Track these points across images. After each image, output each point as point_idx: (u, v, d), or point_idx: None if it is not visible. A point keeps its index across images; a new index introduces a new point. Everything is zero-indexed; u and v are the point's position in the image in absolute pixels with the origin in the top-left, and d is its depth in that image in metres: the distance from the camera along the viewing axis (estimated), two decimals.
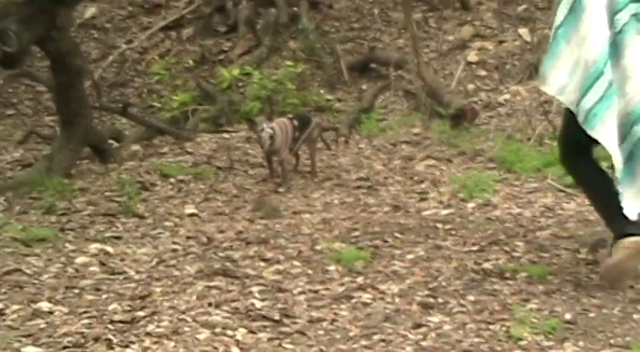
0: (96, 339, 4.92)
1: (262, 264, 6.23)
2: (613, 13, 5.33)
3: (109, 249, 6.54)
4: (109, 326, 5.21)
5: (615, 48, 5.33)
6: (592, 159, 5.87)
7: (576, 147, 5.78)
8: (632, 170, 5.39)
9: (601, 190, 5.80)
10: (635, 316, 5.30)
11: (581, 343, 4.90)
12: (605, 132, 5.25)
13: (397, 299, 5.61)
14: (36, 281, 5.92)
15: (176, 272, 6.06)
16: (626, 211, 5.36)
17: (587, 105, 5.28)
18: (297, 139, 8.26)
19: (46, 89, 10.98)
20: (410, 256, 6.33)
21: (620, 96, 5.29)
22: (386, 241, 6.67)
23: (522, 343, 4.87)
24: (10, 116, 11.56)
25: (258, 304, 5.52)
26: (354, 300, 5.59)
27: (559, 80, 5.50)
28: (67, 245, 6.65)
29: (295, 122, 8.32)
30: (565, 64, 5.47)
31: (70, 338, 5.02)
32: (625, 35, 5.34)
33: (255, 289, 5.74)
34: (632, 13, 5.36)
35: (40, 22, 7.97)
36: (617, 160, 5.27)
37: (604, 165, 6.01)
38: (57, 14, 8.15)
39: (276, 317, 5.34)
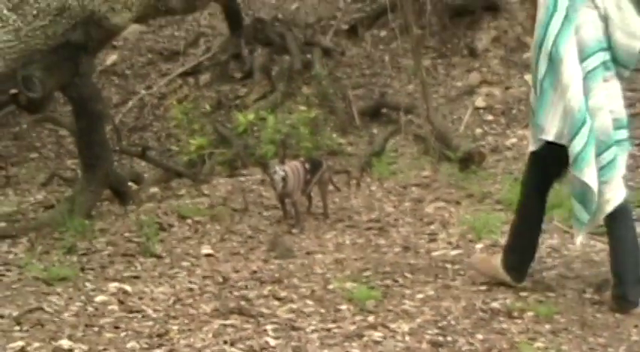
0: None
1: (276, 302, 6.22)
2: (581, 61, 5.68)
3: (128, 288, 6.54)
4: None
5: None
6: (545, 200, 6.31)
7: (541, 184, 6.23)
8: (595, 204, 5.80)
9: (536, 219, 6.21)
10: None
11: None
12: (589, 174, 5.63)
13: (407, 338, 5.60)
14: (57, 320, 5.92)
15: (192, 311, 6.05)
16: (576, 240, 6.15)
17: (575, 149, 5.62)
18: (309, 182, 8.27)
19: (68, 133, 11.02)
20: (420, 295, 6.32)
21: (592, 135, 5.63)
22: (396, 281, 6.67)
23: None
24: (34, 159, 11.60)
25: (272, 342, 5.51)
26: (365, 338, 5.58)
27: (555, 127, 5.75)
28: (87, 284, 6.65)
29: (307, 165, 8.32)
30: (557, 111, 5.72)
31: None
32: (590, 82, 5.70)
33: (269, 327, 5.74)
34: (601, 60, 5.75)
35: (63, 69, 8.00)
36: (595, 201, 5.74)
37: None
38: (80, 61, 8.18)
39: None
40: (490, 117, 11.03)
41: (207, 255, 7.43)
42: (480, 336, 5.59)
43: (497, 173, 9.50)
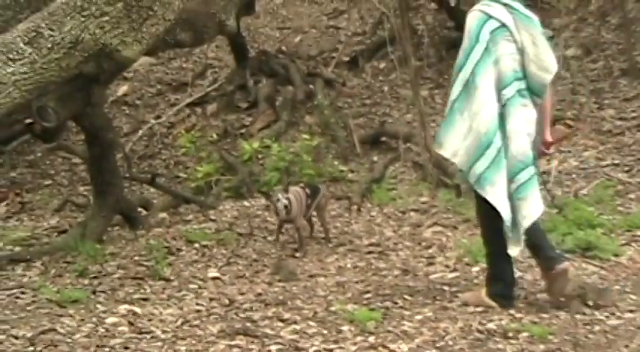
0: None
1: (280, 324, 6.22)
2: (500, 89, 6.10)
3: (138, 309, 6.54)
4: None
5: (502, 117, 6.09)
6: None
7: (493, 211, 6.19)
8: (514, 221, 6.14)
9: (501, 242, 6.27)
10: None
11: None
12: (492, 192, 6.03)
13: None
14: (69, 340, 5.92)
15: (200, 332, 6.05)
16: (510, 252, 6.23)
17: (478, 170, 6.04)
18: (310, 206, 8.27)
19: (80, 161, 11.05)
20: (418, 317, 6.31)
21: (506, 157, 6.07)
22: (396, 303, 6.66)
23: None
24: (48, 186, 11.61)
25: None
26: None
27: (453, 145, 6.16)
28: (98, 306, 6.65)
29: (307, 190, 8.33)
30: (458, 132, 6.12)
31: None
32: (509, 108, 6.09)
33: (273, 348, 5.74)
34: (517, 89, 6.15)
35: (76, 100, 8.02)
36: (505, 215, 6.06)
37: None
38: (92, 92, 8.21)
39: None
40: None
41: (214, 278, 7.43)
42: None
43: None
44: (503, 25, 6.13)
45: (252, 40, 14.39)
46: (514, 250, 6.25)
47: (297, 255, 8.05)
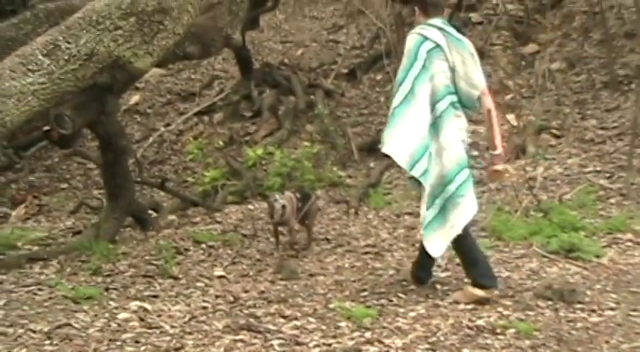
0: None
1: (282, 320, 6.22)
2: (434, 102, 6.50)
3: (148, 306, 6.54)
4: None
5: (435, 128, 6.50)
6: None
7: None
8: (443, 219, 6.51)
9: (472, 238, 6.74)
10: None
11: None
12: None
13: None
14: (83, 335, 5.92)
15: (206, 327, 6.05)
16: (430, 251, 6.56)
17: (423, 166, 6.41)
18: (299, 210, 8.24)
19: (94, 166, 11.05)
20: (412, 314, 6.31)
21: (437, 163, 6.47)
22: (391, 300, 6.66)
23: None
24: (64, 189, 11.62)
25: None
26: None
27: (394, 145, 6.43)
28: (110, 302, 6.65)
29: (298, 195, 8.32)
30: (399, 134, 6.42)
31: None
32: (444, 118, 6.51)
33: (275, 342, 5.73)
34: (450, 102, 6.55)
35: (91, 108, 8.03)
36: (423, 211, 6.54)
37: None
38: (106, 101, 8.23)
39: None
40: (476, 153, 11.00)
41: (220, 277, 7.43)
42: (466, 351, 5.59)
43: (482, 203, 9.47)
44: (438, 46, 6.51)
45: (257, 53, 14.40)
46: (437, 249, 6.59)
47: (303, 252, 8.06)
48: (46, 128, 7.77)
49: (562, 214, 8.50)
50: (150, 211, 9.51)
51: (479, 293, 6.52)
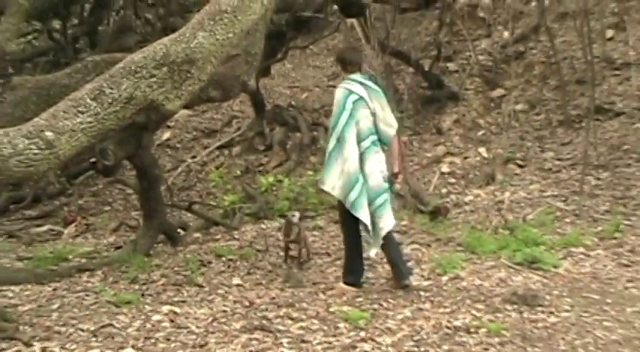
0: None
1: (290, 321, 6.22)
2: (359, 141, 6.97)
3: (177, 309, 6.53)
4: None
5: (362, 161, 6.95)
6: (358, 226, 7.19)
7: (351, 217, 7.05)
8: (375, 230, 7.03)
9: (355, 244, 7.28)
10: None
11: None
12: (362, 213, 6.89)
13: (390, 349, 5.59)
14: (123, 333, 5.92)
15: (226, 328, 6.05)
16: (370, 254, 7.33)
17: (352, 198, 6.88)
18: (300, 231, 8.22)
19: (132, 192, 11.05)
20: (400, 316, 6.32)
21: (366, 188, 6.90)
22: (382, 305, 6.66)
23: None
24: (107, 211, 11.62)
25: None
26: (357, 349, 5.58)
27: (331, 182, 7.00)
28: (146, 306, 6.64)
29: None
30: (335, 173, 6.97)
31: None
32: (367, 154, 6.98)
33: (284, 341, 5.74)
34: (372, 141, 7.03)
35: (130, 143, 8.05)
36: (369, 226, 6.98)
37: None
38: (142, 137, 8.24)
39: None
40: (453, 180, 11.04)
41: (237, 285, 7.42)
42: (445, 347, 5.60)
43: (459, 222, 9.50)
44: (361, 98, 7.01)
45: (268, 96, 14.42)
46: (373, 251, 7.28)
47: (302, 266, 8.06)
48: (93, 160, 7.80)
49: (525, 232, 8.51)
50: (179, 229, 9.50)
51: (347, 289, 7.10)
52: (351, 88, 7.02)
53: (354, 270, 7.21)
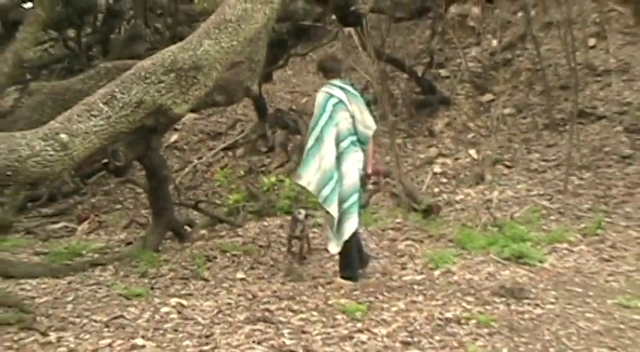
0: None
1: (291, 313, 6.21)
2: (339, 142, 7.03)
3: (184, 302, 6.53)
4: None
5: (339, 160, 7.02)
6: None
7: None
8: (340, 228, 7.03)
9: (350, 240, 7.12)
10: (551, 350, 5.28)
11: None
12: (332, 208, 6.93)
13: (385, 339, 5.59)
14: (134, 324, 5.92)
15: (230, 319, 6.05)
16: (330, 249, 7.22)
17: (325, 193, 6.92)
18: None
19: (142, 191, 11.05)
20: (394, 308, 6.31)
21: (339, 186, 6.98)
22: (377, 298, 6.66)
23: None
24: (118, 209, 11.63)
25: (288, 342, 5.50)
26: (354, 339, 5.57)
27: (307, 177, 7.00)
28: (155, 299, 6.65)
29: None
30: (312, 169, 6.98)
31: None
32: (345, 154, 7.04)
33: (285, 331, 5.73)
34: (351, 141, 7.11)
35: (139, 145, 8.05)
36: (334, 223, 7.00)
37: None
38: (151, 139, 8.25)
39: (300, 351, 5.32)
40: (444, 180, 11.05)
41: (241, 279, 7.42)
42: (437, 337, 5.59)
43: (450, 220, 9.50)
44: (341, 101, 7.07)
45: (270, 100, 14.42)
46: (334, 248, 7.15)
47: (304, 261, 8.06)
48: (105, 161, 7.81)
49: (513, 228, 8.52)
50: (186, 227, 9.50)
51: (345, 283, 7.07)
52: (332, 92, 7.09)
53: (350, 265, 7.18)
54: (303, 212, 8.16)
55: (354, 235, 7.13)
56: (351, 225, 7.02)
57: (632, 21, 13.03)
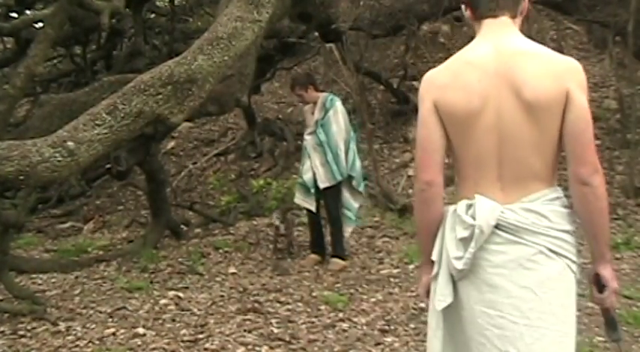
0: None
1: (278, 304, 6.23)
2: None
3: (181, 294, 6.54)
4: (181, 343, 5.21)
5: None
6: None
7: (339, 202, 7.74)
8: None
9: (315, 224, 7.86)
10: None
11: None
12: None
13: (365, 327, 5.62)
14: (135, 315, 5.94)
15: (223, 310, 6.06)
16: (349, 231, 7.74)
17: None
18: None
19: (142, 193, 11.02)
20: (373, 299, 6.34)
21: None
22: (357, 289, 6.68)
23: None
24: (120, 210, 11.58)
25: (276, 330, 5.52)
26: (336, 328, 5.60)
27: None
28: (154, 292, 6.66)
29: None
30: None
31: (156, 351, 5.02)
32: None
33: (273, 321, 5.75)
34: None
35: (139, 151, 8.05)
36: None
37: None
38: (150, 146, 8.24)
39: (287, 339, 5.34)
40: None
41: (233, 273, 7.43)
42: (412, 325, 5.62)
43: None
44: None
45: (259, 110, 14.39)
46: (349, 230, 7.81)
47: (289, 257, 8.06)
48: (108, 166, 7.80)
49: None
50: (182, 226, 9.49)
51: (342, 262, 7.46)
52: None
53: (340, 242, 7.66)
54: (275, 217, 8.14)
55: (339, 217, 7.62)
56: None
57: (586, 38, 13.16)
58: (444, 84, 2.61)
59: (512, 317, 2.49)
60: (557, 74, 2.47)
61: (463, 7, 2.76)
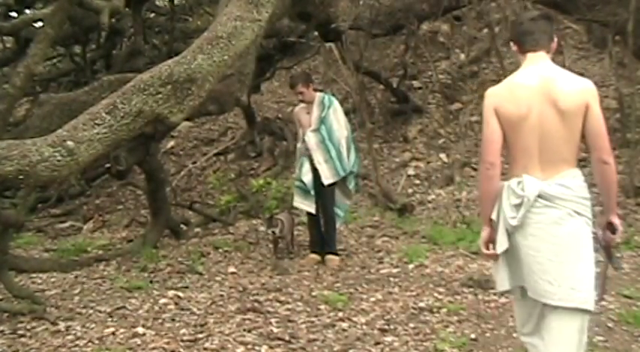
0: None
1: (278, 304, 6.23)
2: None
3: (181, 294, 6.53)
4: (180, 343, 5.21)
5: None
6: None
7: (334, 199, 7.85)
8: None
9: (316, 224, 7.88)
10: (514, 334, 5.32)
11: None
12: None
13: (364, 327, 5.61)
14: (135, 314, 5.93)
15: (222, 309, 6.06)
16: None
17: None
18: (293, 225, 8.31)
19: (142, 192, 11.03)
20: (372, 298, 6.34)
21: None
22: (357, 289, 6.68)
23: None
24: (120, 210, 11.60)
25: (275, 330, 5.51)
26: (336, 327, 5.60)
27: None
28: (154, 291, 6.65)
29: (292, 216, 8.38)
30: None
31: (156, 351, 5.01)
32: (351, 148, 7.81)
33: (273, 320, 5.75)
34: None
35: (139, 151, 8.04)
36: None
37: None
38: (150, 145, 8.24)
39: (287, 338, 5.34)
40: (417, 182, 11.07)
41: (232, 273, 7.42)
42: (411, 325, 5.62)
43: (423, 218, 9.53)
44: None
45: (259, 110, 14.40)
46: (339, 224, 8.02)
47: (288, 257, 8.06)
48: (108, 165, 7.80)
49: (480, 225, 8.52)
50: (181, 225, 9.49)
51: (337, 259, 7.62)
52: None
53: (334, 239, 7.82)
54: (267, 228, 8.13)
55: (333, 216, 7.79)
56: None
57: (585, 37, 13.15)
58: (502, 97, 3.74)
59: (549, 256, 3.60)
60: (579, 91, 3.59)
61: (511, 43, 3.92)
